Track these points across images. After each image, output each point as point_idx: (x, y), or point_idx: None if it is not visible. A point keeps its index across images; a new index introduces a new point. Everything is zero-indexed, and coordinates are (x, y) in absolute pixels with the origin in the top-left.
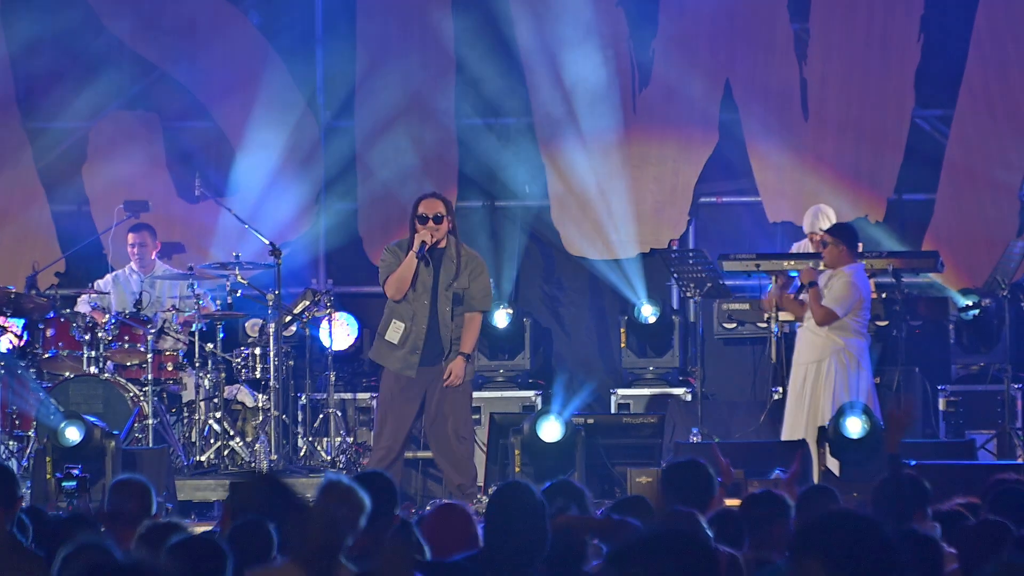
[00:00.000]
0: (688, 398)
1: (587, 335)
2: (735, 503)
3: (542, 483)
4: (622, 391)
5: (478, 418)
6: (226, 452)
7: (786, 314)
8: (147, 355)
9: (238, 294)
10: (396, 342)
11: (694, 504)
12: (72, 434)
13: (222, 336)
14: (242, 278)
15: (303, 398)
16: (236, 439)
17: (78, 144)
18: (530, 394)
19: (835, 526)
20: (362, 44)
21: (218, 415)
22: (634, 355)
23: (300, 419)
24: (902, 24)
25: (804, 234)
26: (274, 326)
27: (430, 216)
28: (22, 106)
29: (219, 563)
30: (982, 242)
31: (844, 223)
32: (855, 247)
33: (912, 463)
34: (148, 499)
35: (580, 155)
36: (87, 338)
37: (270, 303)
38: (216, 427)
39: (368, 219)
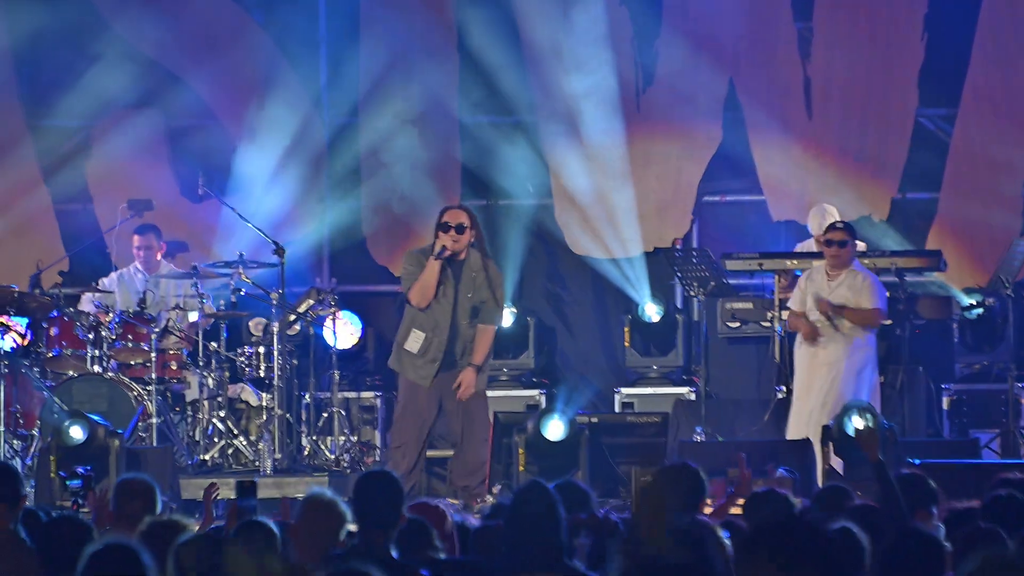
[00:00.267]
0: (692, 397)
1: (591, 334)
2: (741, 503)
3: (547, 482)
4: (626, 390)
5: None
6: (230, 451)
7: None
8: (151, 354)
9: (242, 293)
10: (416, 351)
11: (685, 508)
12: (76, 433)
13: (226, 335)
14: (246, 277)
15: (307, 397)
16: (240, 438)
17: (82, 142)
18: (534, 393)
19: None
20: (366, 43)
21: (222, 414)
22: (638, 354)
23: (304, 418)
24: (905, 23)
25: (809, 234)
26: (278, 325)
27: (452, 225)
28: (25, 103)
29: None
30: (986, 241)
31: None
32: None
33: (916, 462)
34: (153, 498)
35: (584, 154)
36: (91, 337)
37: (274, 302)
38: (220, 426)
39: (372, 218)
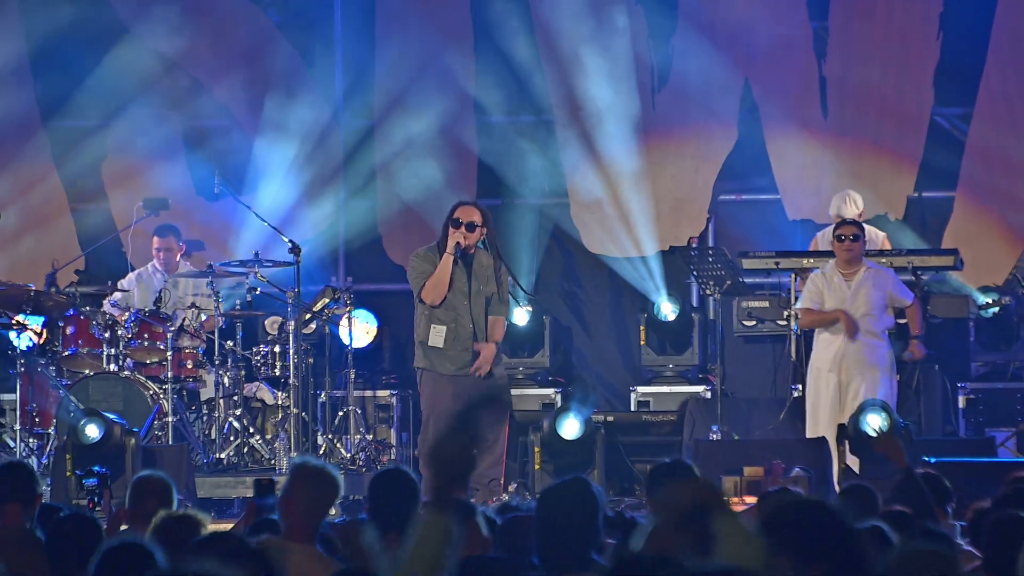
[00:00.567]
0: (708, 396)
1: (607, 333)
2: (752, 500)
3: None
4: (642, 389)
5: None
6: (246, 449)
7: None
8: (167, 353)
9: (257, 292)
10: (442, 345)
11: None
12: (92, 431)
13: (241, 334)
14: (261, 276)
15: (323, 395)
16: (256, 437)
17: (98, 142)
18: (550, 392)
19: (801, 519)
20: (381, 42)
21: (238, 412)
22: (654, 353)
23: (320, 416)
24: (921, 22)
25: (828, 223)
26: (294, 323)
27: (463, 222)
28: (42, 104)
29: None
30: (1002, 239)
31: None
32: None
33: (932, 460)
34: (169, 496)
35: (599, 153)
36: (107, 336)
37: (289, 301)
38: (236, 424)
39: (388, 217)
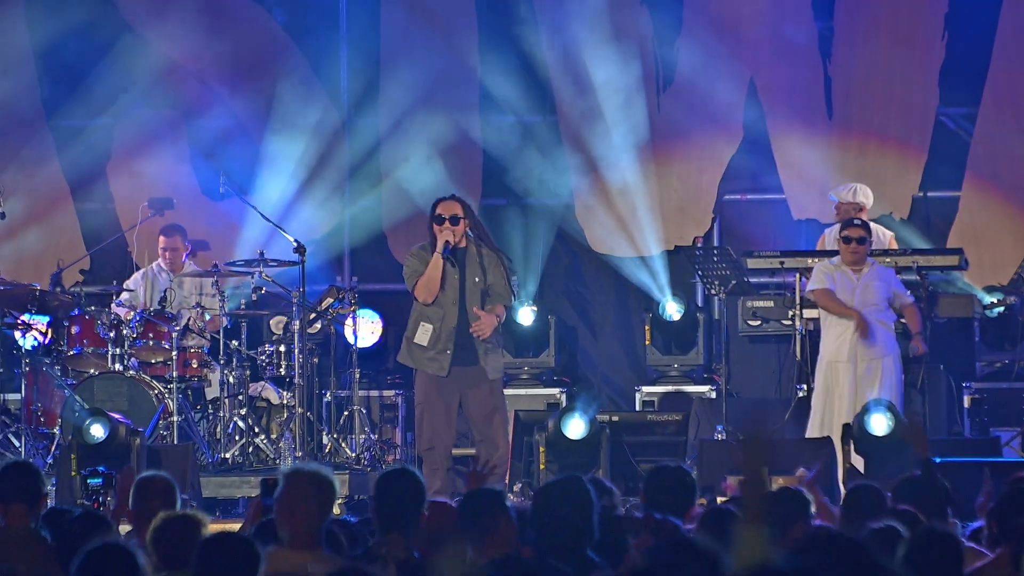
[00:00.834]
0: (712, 395)
1: (612, 333)
2: None
3: None
4: (646, 388)
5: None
6: (251, 449)
7: (810, 311)
8: (172, 352)
9: (263, 291)
10: (426, 344)
11: (675, 509)
12: (97, 431)
13: (247, 333)
14: (267, 275)
15: (328, 395)
16: (261, 436)
17: (103, 142)
18: (555, 391)
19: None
20: (386, 42)
21: (243, 412)
22: (659, 352)
23: (325, 416)
24: (926, 22)
25: (833, 222)
26: (299, 323)
27: (447, 217)
28: (47, 104)
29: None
30: (1007, 239)
31: None
32: None
33: (937, 460)
34: (172, 496)
35: (604, 153)
36: (112, 335)
37: (295, 300)
38: (241, 424)
39: (392, 216)
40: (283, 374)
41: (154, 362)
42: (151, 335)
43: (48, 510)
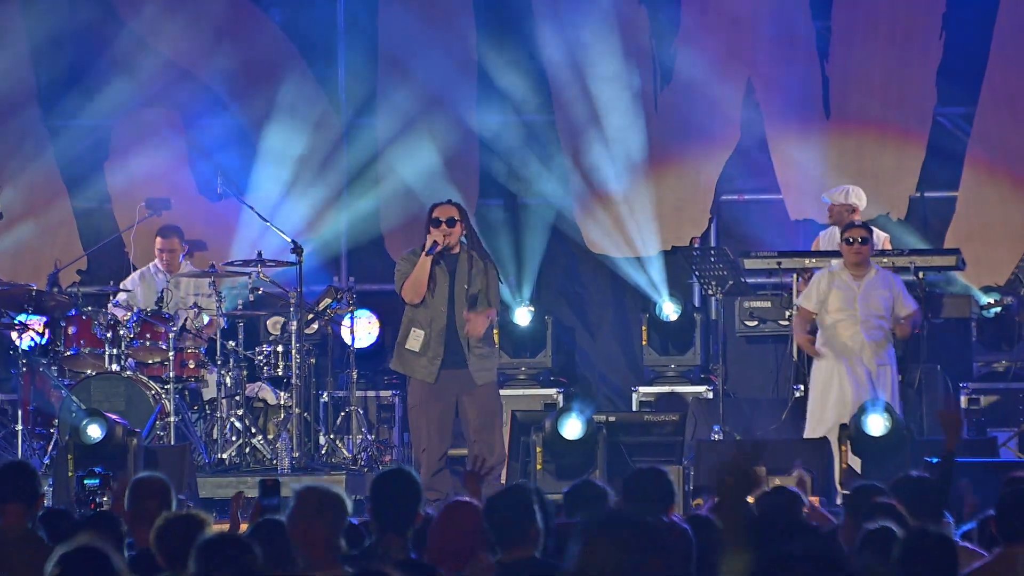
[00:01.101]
0: (710, 396)
1: (609, 333)
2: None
3: (564, 481)
4: (643, 389)
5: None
6: (248, 450)
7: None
8: (169, 353)
9: (260, 292)
10: (417, 350)
11: (653, 512)
12: (94, 432)
13: (243, 334)
14: (264, 276)
15: (325, 396)
16: (258, 437)
17: (100, 141)
18: (552, 392)
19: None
20: (384, 42)
21: (240, 413)
22: (656, 353)
23: (322, 417)
24: (924, 21)
25: (831, 213)
26: (296, 324)
27: (443, 220)
28: (44, 103)
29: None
30: (1004, 240)
31: None
32: None
33: (934, 461)
34: (168, 497)
35: (602, 153)
36: (109, 336)
37: (292, 301)
38: (238, 425)
39: (390, 217)
40: (280, 375)
41: (151, 363)
42: (148, 336)
43: (47, 511)
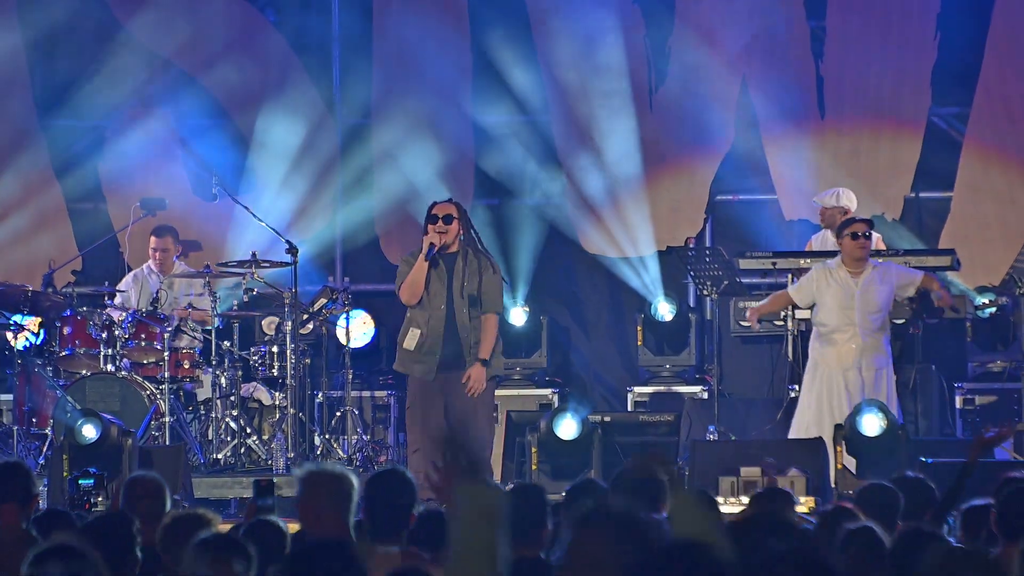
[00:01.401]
0: (704, 396)
1: (604, 333)
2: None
3: (559, 481)
4: (639, 389)
5: (496, 415)
6: (243, 450)
7: (802, 312)
8: (164, 353)
9: (255, 292)
10: (413, 348)
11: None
12: (89, 432)
13: (238, 334)
14: (259, 276)
15: (320, 396)
16: (253, 437)
17: (95, 141)
18: (547, 392)
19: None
20: (379, 43)
21: (235, 413)
22: (651, 353)
23: (317, 417)
24: (919, 22)
25: (822, 216)
26: (291, 324)
27: (440, 217)
28: (38, 103)
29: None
30: (999, 240)
31: None
32: None
33: (929, 461)
34: (162, 496)
35: (596, 153)
36: (104, 336)
37: (287, 301)
38: (233, 425)
39: (385, 217)
40: (275, 375)
41: (146, 363)
42: (143, 336)
43: (47, 512)
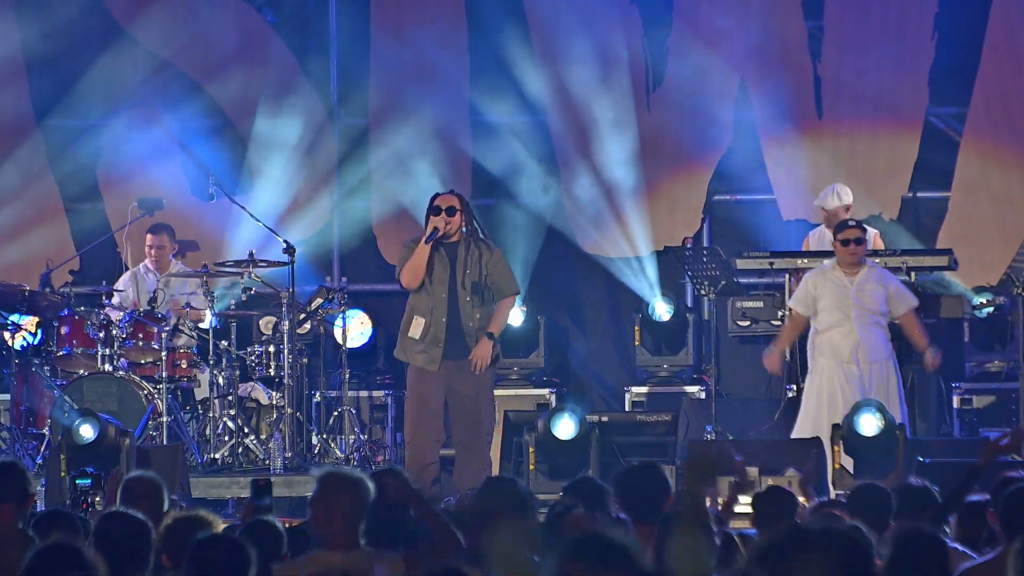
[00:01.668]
0: (702, 396)
1: (601, 333)
2: (747, 500)
3: (557, 480)
4: (636, 389)
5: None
6: (240, 450)
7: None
8: (161, 353)
9: (252, 292)
10: (418, 337)
11: (648, 508)
12: (86, 432)
13: (236, 334)
14: (256, 276)
15: (317, 396)
16: (250, 437)
17: (92, 142)
18: (545, 392)
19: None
20: (376, 42)
21: (232, 413)
22: (648, 353)
23: (314, 417)
24: (916, 22)
25: (820, 217)
26: (288, 324)
27: (444, 208)
28: (36, 103)
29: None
30: (996, 239)
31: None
32: None
33: (927, 461)
34: (160, 496)
35: (594, 153)
36: (101, 336)
37: (284, 301)
38: (230, 425)
39: (382, 217)
40: (272, 375)
41: (143, 362)
42: (140, 335)
43: (46, 512)
